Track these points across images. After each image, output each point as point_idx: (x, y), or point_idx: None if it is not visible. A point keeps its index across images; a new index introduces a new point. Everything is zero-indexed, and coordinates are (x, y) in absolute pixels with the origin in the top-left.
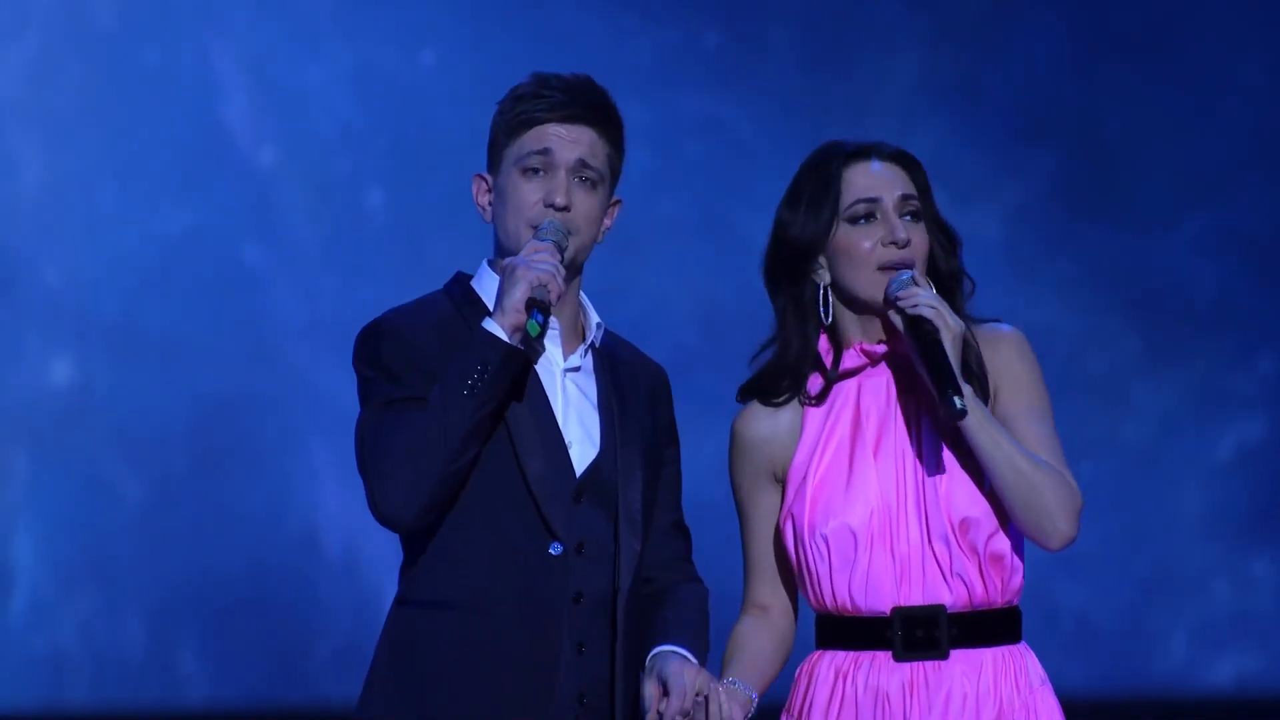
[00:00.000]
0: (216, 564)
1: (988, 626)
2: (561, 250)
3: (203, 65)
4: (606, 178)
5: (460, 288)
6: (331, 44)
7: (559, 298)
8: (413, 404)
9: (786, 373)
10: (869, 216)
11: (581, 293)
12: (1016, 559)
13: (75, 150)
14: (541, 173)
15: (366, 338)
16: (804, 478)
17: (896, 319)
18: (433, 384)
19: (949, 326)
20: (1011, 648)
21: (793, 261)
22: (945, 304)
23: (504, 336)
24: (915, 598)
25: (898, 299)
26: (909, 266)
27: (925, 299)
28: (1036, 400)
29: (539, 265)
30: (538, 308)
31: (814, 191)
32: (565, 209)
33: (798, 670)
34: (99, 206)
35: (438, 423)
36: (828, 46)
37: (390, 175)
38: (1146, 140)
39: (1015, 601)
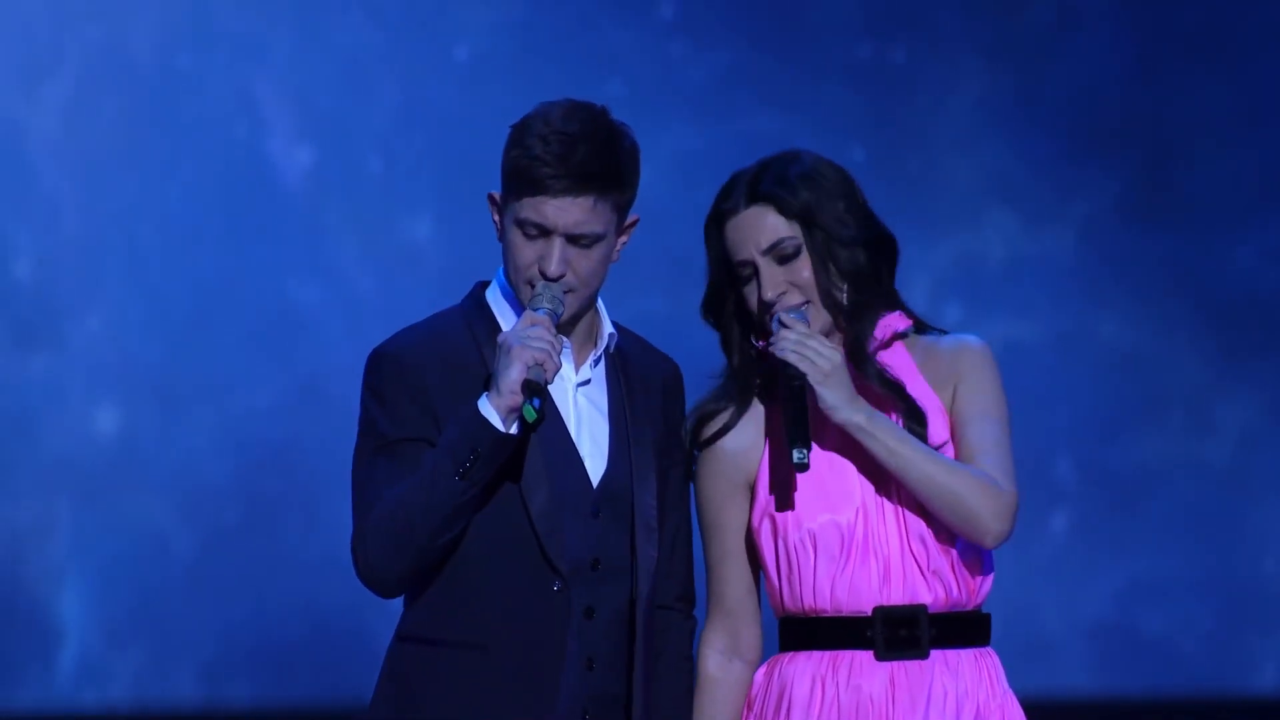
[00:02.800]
0: (271, 616)
1: (963, 628)
2: (557, 315)
3: (244, 100)
4: (609, 231)
5: (476, 304)
6: (376, 74)
7: (555, 374)
8: (406, 447)
9: (741, 391)
10: (751, 276)
11: (599, 299)
12: (986, 559)
13: (114, 191)
14: (537, 237)
15: (374, 365)
16: (782, 476)
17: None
18: (431, 421)
19: (816, 368)
20: (983, 650)
21: (713, 308)
22: (815, 339)
23: (498, 423)
24: (896, 597)
25: (769, 345)
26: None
27: (788, 345)
28: (990, 405)
29: (534, 344)
30: (535, 391)
31: (710, 249)
32: (559, 278)
33: (758, 674)
34: (140, 249)
35: (423, 498)
36: (887, 64)
37: (439, 205)
38: (1218, 146)
39: (983, 606)
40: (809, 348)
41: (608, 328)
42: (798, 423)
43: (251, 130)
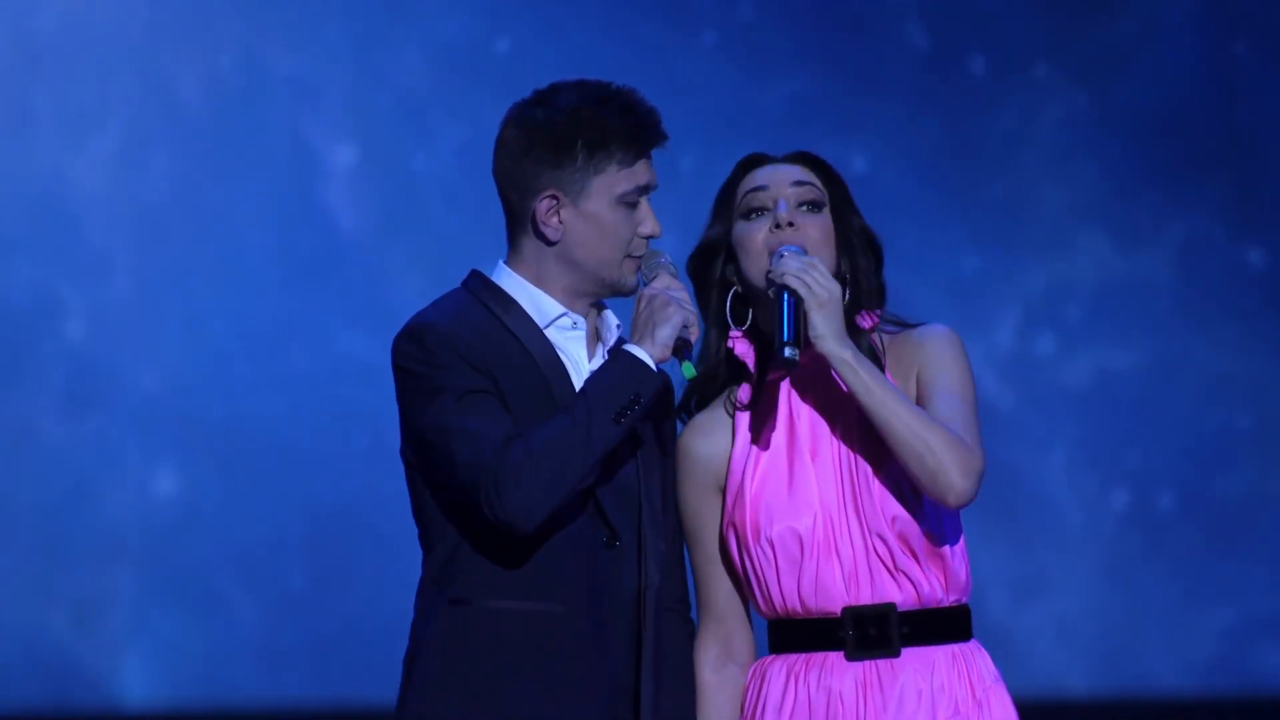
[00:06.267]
0: (344, 683)
1: (938, 624)
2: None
3: (298, 145)
4: None
5: (487, 289)
6: (435, 116)
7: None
8: (484, 396)
9: (706, 380)
10: (761, 210)
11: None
12: (957, 555)
13: (167, 244)
14: (636, 205)
15: (412, 339)
16: (741, 483)
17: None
18: (488, 378)
19: (814, 294)
20: (963, 645)
21: (703, 262)
22: (819, 269)
23: (655, 370)
24: (865, 597)
25: (768, 272)
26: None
27: (792, 267)
28: (953, 383)
29: (686, 305)
30: (686, 348)
31: (719, 195)
32: (658, 234)
33: (748, 676)
34: (195, 303)
35: (580, 437)
36: (968, 87)
37: (505, 249)
38: None
39: (964, 600)
40: (811, 276)
41: (614, 320)
42: (793, 321)
43: (307, 177)
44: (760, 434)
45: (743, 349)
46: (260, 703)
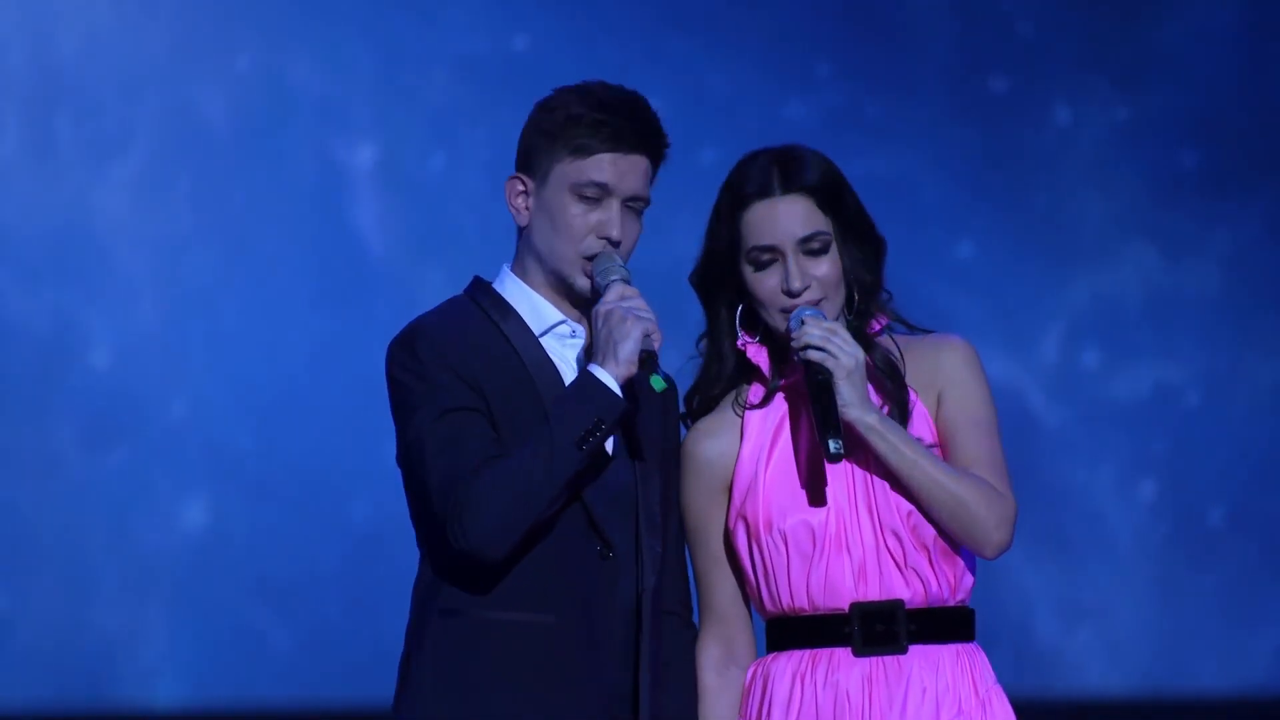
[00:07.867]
0: (379, 710)
1: (944, 623)
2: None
3: (326, 165)
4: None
5: (487, 295)
6: (462, 131)
7: (660, 344)
8: (467, 415)
9: (716, 383)
10: (770, 263)
11: None
12: (965, 555)
13: (193, 270)
14: (596, 201)
15: (405, 346)
16: (753, 478)
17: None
18: (476, 394)
19: (840, 364)
20: (966, 645)
21: (708, 277)
22: (840, 335)
23: (619, 393)
24: (873, 593)
25: (791, 339)
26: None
27: (813, 339)
28: (980, 412)
29: (644, 314)
30: (652, 360)
31: (720, 223)
32: (618, 243)
33: (748, 676)
34: (223, 328)
35: (543, 466)
36: (1010, 98)
37: None
38: None
39: (967, 601)
40: (834, 345)
41: None
42: (827, 415)
43: (335, 196)
44: (773, 432)
45: (755, 352)
46: None
